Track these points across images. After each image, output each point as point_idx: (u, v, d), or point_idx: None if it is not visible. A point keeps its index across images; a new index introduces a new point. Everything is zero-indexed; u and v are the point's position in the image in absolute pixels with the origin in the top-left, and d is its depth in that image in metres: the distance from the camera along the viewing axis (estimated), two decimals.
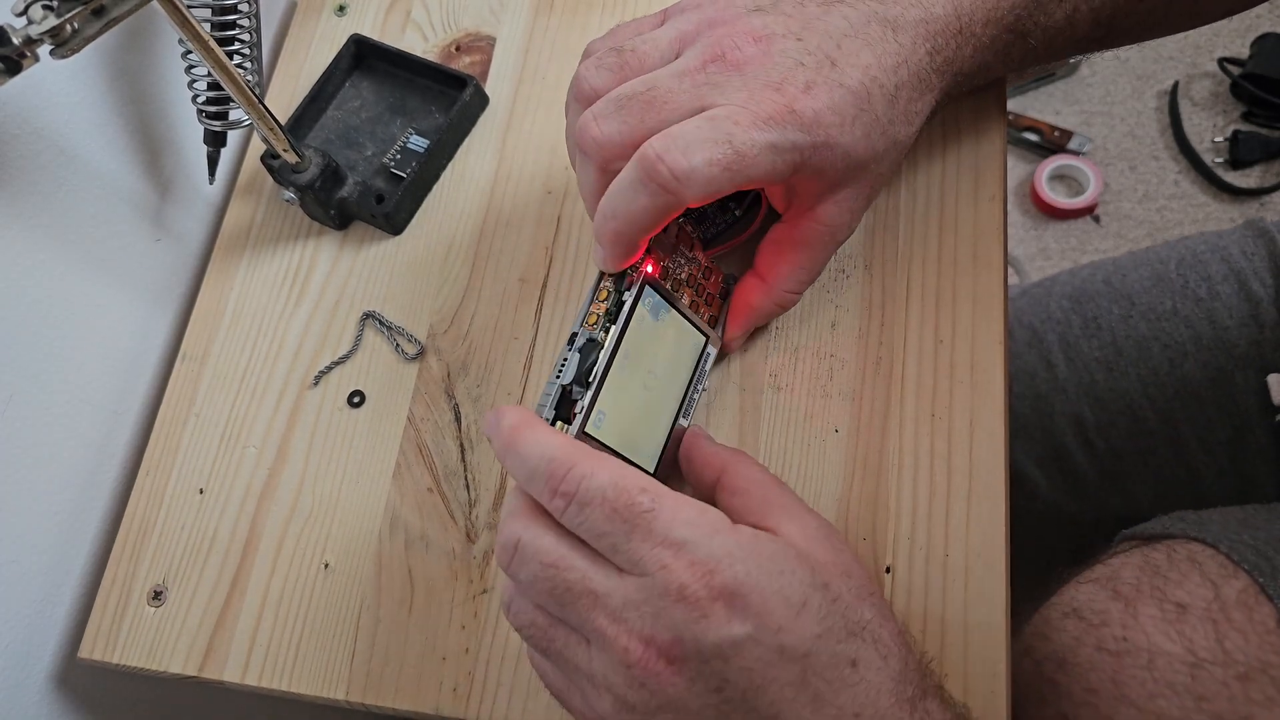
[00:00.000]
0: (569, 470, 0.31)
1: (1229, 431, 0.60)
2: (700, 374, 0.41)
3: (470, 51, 0.55)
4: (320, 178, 0.48)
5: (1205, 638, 0.40)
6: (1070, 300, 0.65)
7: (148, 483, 0.48)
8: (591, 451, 0.32)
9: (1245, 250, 0.61)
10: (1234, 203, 1.20)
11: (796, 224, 0.40)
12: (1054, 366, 0.64)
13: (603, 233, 0.35)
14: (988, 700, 0.38)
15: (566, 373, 0.35)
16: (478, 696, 0.42)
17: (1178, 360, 0.61)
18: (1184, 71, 1.27)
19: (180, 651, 0.44)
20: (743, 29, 0.36)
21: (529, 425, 0.32)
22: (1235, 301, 0.59)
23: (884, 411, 0.43)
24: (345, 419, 0.48)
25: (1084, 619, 0.43)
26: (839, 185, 0.38)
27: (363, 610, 0.44)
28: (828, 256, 0.41)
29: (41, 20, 0.36)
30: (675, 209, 0.34)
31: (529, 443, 0.32)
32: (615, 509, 0.30)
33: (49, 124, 0.44)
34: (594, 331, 0.36)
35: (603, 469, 0.31)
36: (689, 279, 0.40)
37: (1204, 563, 0.43)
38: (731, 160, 0.33)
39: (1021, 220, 1.23)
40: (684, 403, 0.40)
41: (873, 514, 0.42)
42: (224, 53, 0.41)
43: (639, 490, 0.30)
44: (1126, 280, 0.64)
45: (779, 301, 0.41)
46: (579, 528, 0.31)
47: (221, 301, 0.51)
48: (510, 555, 0.32)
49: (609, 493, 0.30)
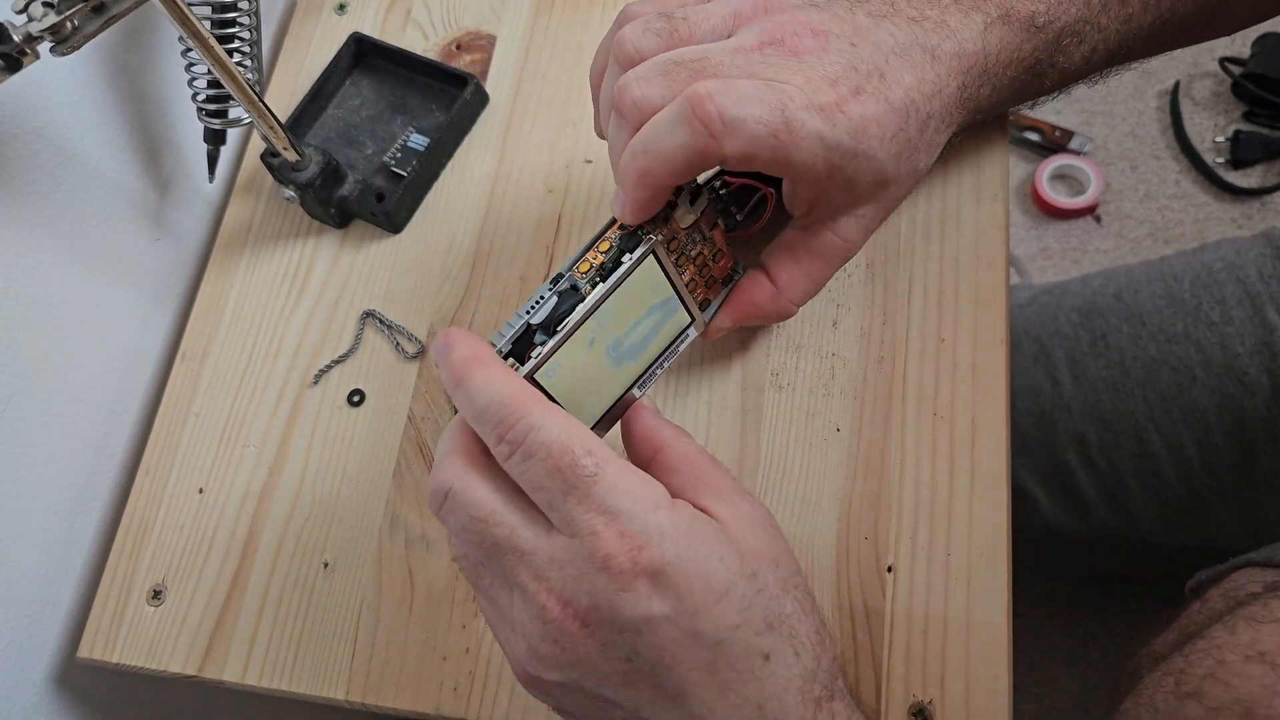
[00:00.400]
0: (519, 419, 0.30)
1: (1235, 457, 0.59)
2: (671, 352, 0.39)
3: (471, 50, 0.55)
4: (320, 176, 0.48)
5: None
6: (1080, 314, 0.64)
7: (147, 482, 0.48)
8: (543, 401, 0.31)
9: (1263, 272, 0.59)
10: (1235, 202, 1.20)
11: (814, 233, 0.39)
12: (1060, 384, 0.64)
13: (629, 169, 0.33)
14: (989, 700, 0.38)
15: (538, 313, 0.34)
16: (478, 696, 0.42)
17: (1186, 385, 0.60)
18: (1185, 71, 1.27)
19: (180, 651, 0.44)
20: (801, 19, 0.35)
21: (481, 362, 0.31)
22: (1249, 328, 0.58)
23: (886, 410, 0.43)
24: (345, 418, 0.48)
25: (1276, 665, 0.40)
26: (863, 200, 0.37)
27: (363, 610, 0.44)
28: (833, 272, 0.40)
29: (42, 17, 0.36)
30: (711, 158, 0.33)
31: (480, 381, 0.31)
32: (557, 466, 0.30)
33: (48, 122, 0.44)
34: (581, 280, 0.34)
35: (552, 421, 0.30)
36: (697, 257, 0.39)
37: None
38: (780, 128, 0.32)
39: (1022, 220, 1.23)
40: (643, 375, 0.38)
41: (874, 513, 0.42)
42: (224, 50, 0.41)
43: (584, 452, 0.30)
44: (1139, 297, 0.63)
45: (782, 309, 0.41)
46: (519, 477, 0.30)
47: (221, 300, 0.51)
48: (440, 502, 0.32)
49: (554, 449, 0.30)
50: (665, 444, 0.35)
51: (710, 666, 0.30)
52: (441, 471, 0.32)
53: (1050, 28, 0.38)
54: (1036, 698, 0.96)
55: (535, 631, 0.31)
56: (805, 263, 0.39)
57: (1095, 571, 0.92)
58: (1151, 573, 0.81)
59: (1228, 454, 0.59)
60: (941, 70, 0.36)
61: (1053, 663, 0.97)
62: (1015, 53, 0.38)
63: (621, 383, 0.38)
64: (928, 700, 0.39)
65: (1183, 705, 0.40)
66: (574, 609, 0.30)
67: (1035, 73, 0.40)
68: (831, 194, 0.37)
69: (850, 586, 0.41)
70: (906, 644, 0.40)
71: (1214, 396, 0.59)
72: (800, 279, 0.40)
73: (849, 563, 0.41)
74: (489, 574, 0.32)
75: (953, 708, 0.38)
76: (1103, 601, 0.98)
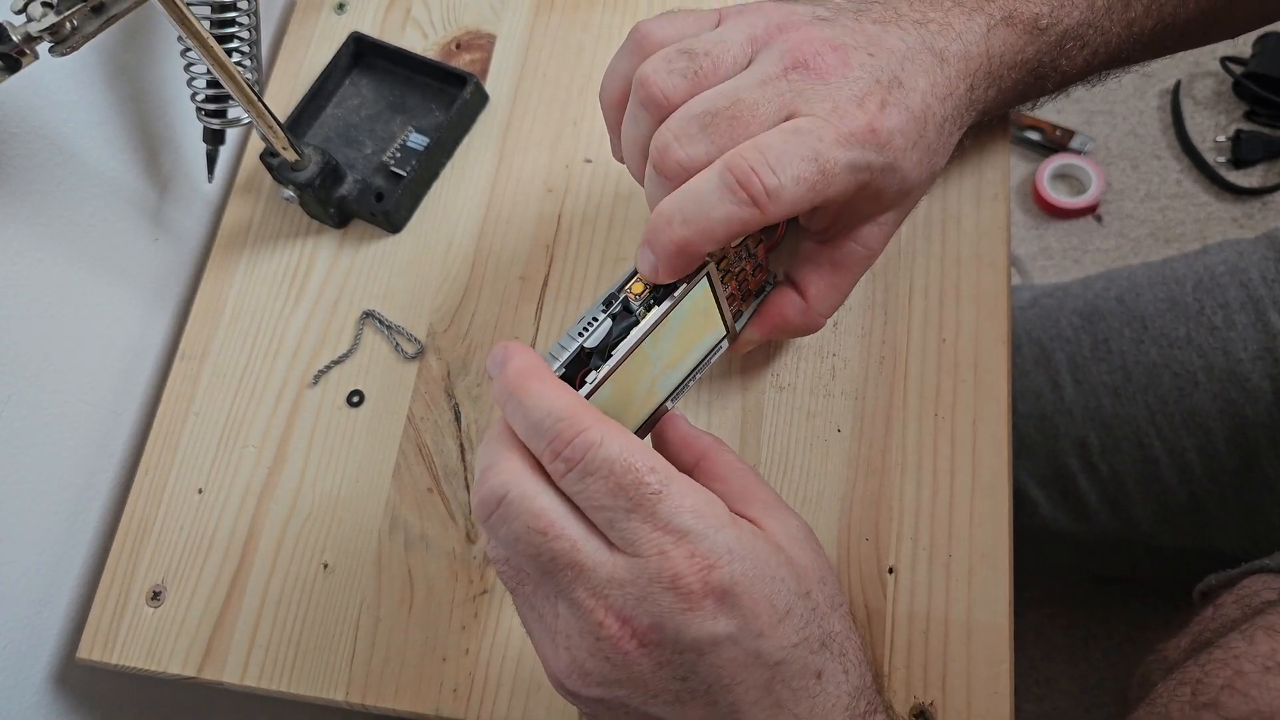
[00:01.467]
0: (578, 434, 0.29)
1: (1236, 463, 0.59)
2: (704, 364, 0.39)
3: (470, 49, 0.55)
4: (319, 176, 0.48)
5: None
6: (1081, 318, 0.64)
7: (146, 482, 0.48)
8: (601, 416, 0.30)
9: (1265, 276, 0.59)
10: (1236, 202, 1.20)
11: (838, 245, 0.39)
12: (1061, 388, 0.63)
13: (669, 239, 0.32)
14: (990, 701, 0.38)
15: (592, 336, 0.33)
16: (478, 697, 0.42)
17: (1187, 390, 0.59)
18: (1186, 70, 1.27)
19: (179, 652, 0.44)
20: (818, 36, 0.35)
21: (538, 376, 0.31)
22: (1251, 333, 0.58)
23: (887, 411, 0.43)
24: (344, 418, 0.48)
25: None
26: (887, 209, 0.37)
27: (362, 611, 0.44)
28: (856, 282, 0.40)
29: (41, 18, 0.36)
30: (756, 225, 0.33)
31: (536, 395, 0.30)
32: (621, 485, 0.29)
33: (48, 122, 0.44)
34: (634, 302, 0.34)
35: (612, 438, 0.29)
36: (739, 272, 0.38)
37: None
38: (817, 180, 0.32)
39: (1023, 219, 1.23)
40: (679, 388, 0.38)
41: (875, 514, 0.42)
42: (223, 50, 0.41)
43: (648, 470, 0.29)
44: (1141, 300, 0.63)
45: (811, 323, 0.40)
46: (577, 495, 0.30)
47: (220, 300, 0.51)
48: (492, 510, 0.30)
49: (616, 466, 0.29)
50: (707, 452, 0.35)
51: (768, 685, 0.30)
52: (496, 476, 0.31)
53: (1053, 30, 0.38)
54: (1037, 698, 0.96)
55: (584, 646, 0.30)
56: (830, 274, 0.39)
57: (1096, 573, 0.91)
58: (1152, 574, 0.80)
59: (1229, 459, 0.59)
60: (950, 73, 0.36)
61: (1053, 663, 0.97)
62: (1018, 55, 0.38)
63: (661, 392, 0.37)
64: (929, 701, 0.39)
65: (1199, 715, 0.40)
66: (633, 628, 0.29)
67: (1038, 74, 0.40)
68: (859, 206, 0.37)
69: (851, 587, 0.41)
70: (908, 645, 0.39)
71: (1216, 401, 0.58)
72: (828, 291, 0.40)
73: (850, 564, 0.41)
74: (533, 582, 0.32)
75: (954, 709, 0.38)
76: (1103, 602, 0.98)
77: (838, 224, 0.38)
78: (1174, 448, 0.60)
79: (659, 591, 0.29)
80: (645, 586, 0.29)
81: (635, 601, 0.29)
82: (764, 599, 0.30)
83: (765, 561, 0.30)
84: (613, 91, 0.38)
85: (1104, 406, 0.62)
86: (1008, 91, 0.39)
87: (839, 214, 0.38)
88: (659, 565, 0.29)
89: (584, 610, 0.30)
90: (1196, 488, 0.60)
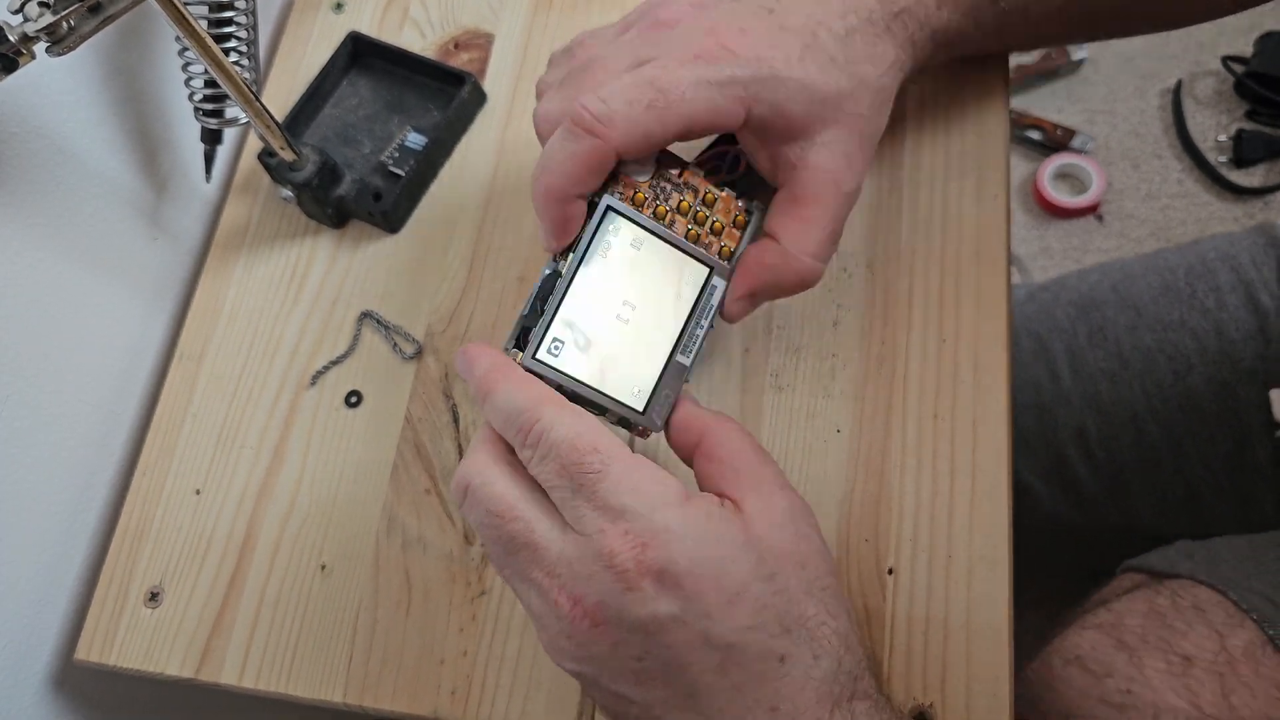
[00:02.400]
0: (535, 420, 0.31)
1: (1230, 446, 0.59)
2: (705, 309, 0.38)
3: (468, 48, 0.55)
4: (317, 176, 0.48)
5: (1212, 693, 0.39)
6: (1077, 308, 0.65)
7: (144, 483, 0.48)
8: (558, 401, 0.32)
9: (1255, 260, 0.60)
10: (1238, 202, 1.20)
11: (793, 179, 0.37)
12: (1059, 377, 0.64)
13: (535, 194, 0.35)
14: (991, 702, 0.38)
15: (524, 305, 0.35)
16: (476, 699, 0.41)
17: (1182, 372, 0.60)
18: (1187, 70, 1.27)
19: (177, 653, 0.44)
20: (684, 2, 0.37)
21: (501, 372, 0.33)
22: (1243, 314, 0.59)
23: (886, 412, 0.43)
24: (342, 419, 0.47)
25: (1089, 670, 0.42)
26: (813, 126, 0.36)
27: (360, 612, 0.44)
28: (839, 211, 0.38)
29: (38, 17, 0.35)
30: (604, 156, 0.34)
31: (502, 391, 0.32)
32: (564, 465, 0.30)
33: (45, 122, 0.44)
34: (558, 264, 0.35)
35: (562, 422, 0.31)
36: (680, 207, 0.37)
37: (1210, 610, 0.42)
38: (654, 98, 0.33)
39: (1024, 219, 1.23)
40: (682, 338, 0.37)
41: (875, 515, 0.41)
42: (220, 50, 0.41)
43: (590, 450, 0.30)
44: (1134, 288, 0.63)
45: (798, 266, 0.37)
46: (540, 478, 0.31)
47: (218, 300, 0.51)
48: (460, 498, 0.33)
49: (562, 448, 0.30)
50: (707, 431, 0.35)
51: (721, 668, 0.30)
52: (462, 468, 0.33)
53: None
54: None
55: (554, 626, 0.31)
56: (796, 210, 0.37)
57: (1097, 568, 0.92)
58: None
59: (1223, 442, 0.59)
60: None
61: None
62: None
63: (659, 346, 0.36)
64: (928, 703, 0.38)
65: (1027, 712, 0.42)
66: (584, 606, 0.30)
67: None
68: (770, 130, 0.36)
69: (851, 589, 0.41)
70: (907, 646, 0.39)
71: (1210, 384, 0.59)
72: (799, 226, 0.37)
73: (849, 565, 0.41)
74: (508, 569, 0.33)
75: (953, 710, 0.38)
76: None
77: (776, 158, 0.37)
78: (1170, 432, 0.61)
79: (599, 570, 0.29)
80: (589, 564, 0.30)
81: (583, 580, 0.30)
82: (709, 579, 0.30)
83: (714, 542, 0.30)
84: None
85: (1101, 393, 0.62)
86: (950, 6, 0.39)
87: (764, 146, 0.37)
88: (598, 544, 0.29)
89: (542, 590, 0.31)
90: (1191, 474, 0.61)
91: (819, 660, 0.31)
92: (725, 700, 0.30)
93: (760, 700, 0.30)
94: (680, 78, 0.33)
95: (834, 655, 0.32)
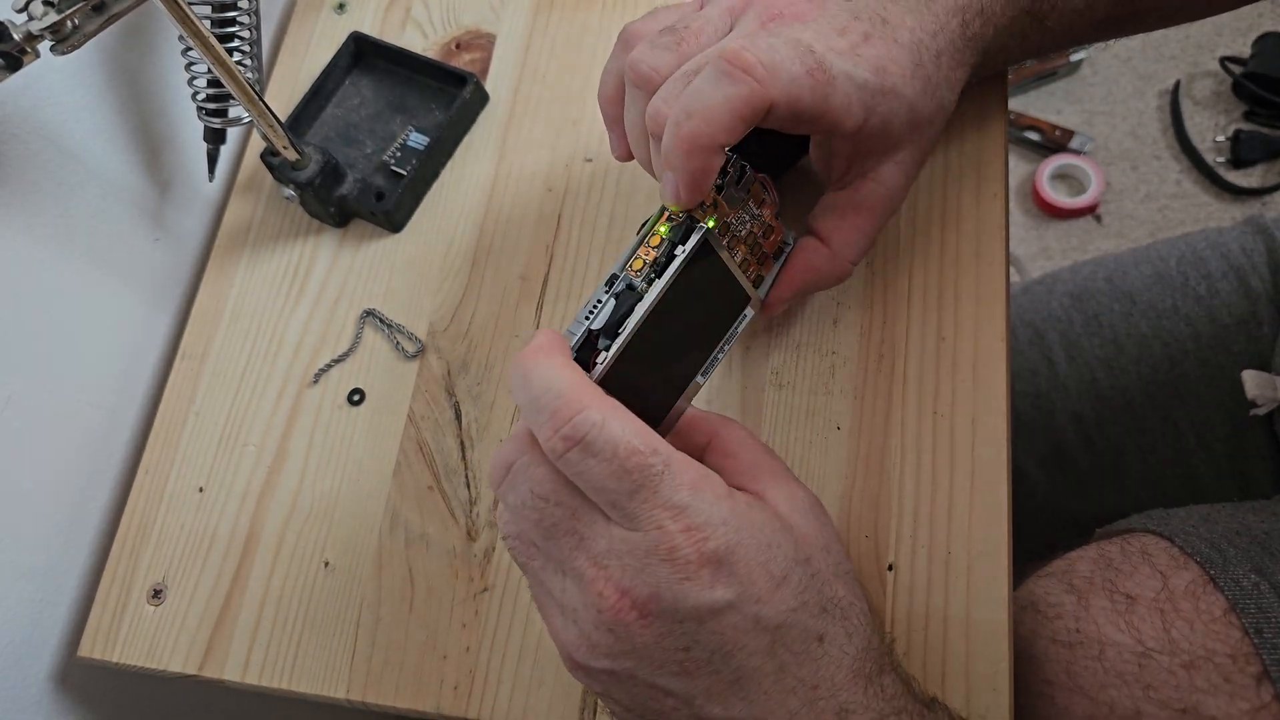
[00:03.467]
0: (578, 412, 0.29)
1: (1226, 429, 0.60)
2: (732, 335, 0.38)
3: (470, 49, 0.55)
4: (320, 175, 0.48)
5: (1153, 627, 0.40)
6: (1071, 298, 0.66)
7: (147, 481, 0.48)
8: (605, 396, 0.30)
9: (1245, 247, 0.61)
10: (1236, 202, 1.20)
11: (857, 188, 0.39)
12: (1055, 364, 0.65)
13: (677, 140, 0.32)
14: (991, 698, 0.38)
15: (598, 318, 0.33)
16: (479, 695, 0.42)
17: (1178, 358, 0.61)
18: (1185, 70, 1.27)
19: (180, 650, 0.44)
20: None
21: (548, 352, 0.30)
22: (1235, 299, 0.60)
23: (886, 409, 0.43)
24: (345, 417, 0.48)
25: (1040, 612, 0.43)
26: (901, 144, 0.37)
27: (363, 609, 0.44)
28: (883, 224, 0.40)
29: (42, 16, 0.36)
30: (759, 107, 0.32)
31: (541, 369, 0.30)
32: (625, 467, 0.29)
33: (48, 122, 0.44)
34: (636, 279, 0.33)
35: (615, 419, 0.29)
36: (748, 236, 0.37)
37: (1155, 555, 0.43)
38: (815, 68, 0.32)
39: (1023, 220, 1.23)
40: (709, 362, 0.37)
41: (875, 512, 0.42)
42: (224, 49, 0.41)
43: (651, 451, 0.29)
44: (1128, 278, 0.64)
45: (840, 270, 0.40)
46: (577, 474, 0.30)
47: (221, 300, 0.51)
48: (501, 476, 0.32)
49: (620, 448, 0.29)
50: (719, 430, 0.36)
51: (769, 650, 0.30)
52: (509, 444, 0.32)
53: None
54: None
55: (589, 619, 0.30)
56: (854, 218, 0.39)
57: None
58: None
59: (1220, 426, 0.60)
60: (938, 10, 0.37)
61: None
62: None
63: (688, 368, 0.37)
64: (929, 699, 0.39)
65: None
66: (631, 598, 0.30)
67: (1035, 15, 0.40)
68: (869, 141, 0.37)
69: None
70: (907, 642, 0.40)
71: (1205, 368, 0.60)
72: (853, 235, 0.40)
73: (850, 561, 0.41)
74: (542, 557, 0.32)
75: (954, 705, 0.38)
76: None
77: (854, 166, 0.39)
78: (1167, 416, 0.61)
79: (656, 563, 0.29)
80: (642, 558, 0.29)
81: (633, 573, 0.29)
82: (759, 565, 0.30)
83: (761, 529, 0.31)
84: (608, 88, 0.39)
85: (1098, 380, 0.63)
86: (1004, 32, 0.39)
87: (853, 152, 0.38)
88: (656, 539, 0.29)
89: (585, 580, 0.30)
90: (1189, 457, 0.61)
91: (851, 639, 0.32)
92: (771, 683, 0.30)
93: (803, 680, 0.31)
94: (834, 64, 0.33)
95: (864, 634, 0.32)
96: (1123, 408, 0.62)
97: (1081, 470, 0.65)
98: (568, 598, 0.31)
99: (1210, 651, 0.39)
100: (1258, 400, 0.55)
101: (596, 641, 0.31)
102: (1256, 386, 0.55)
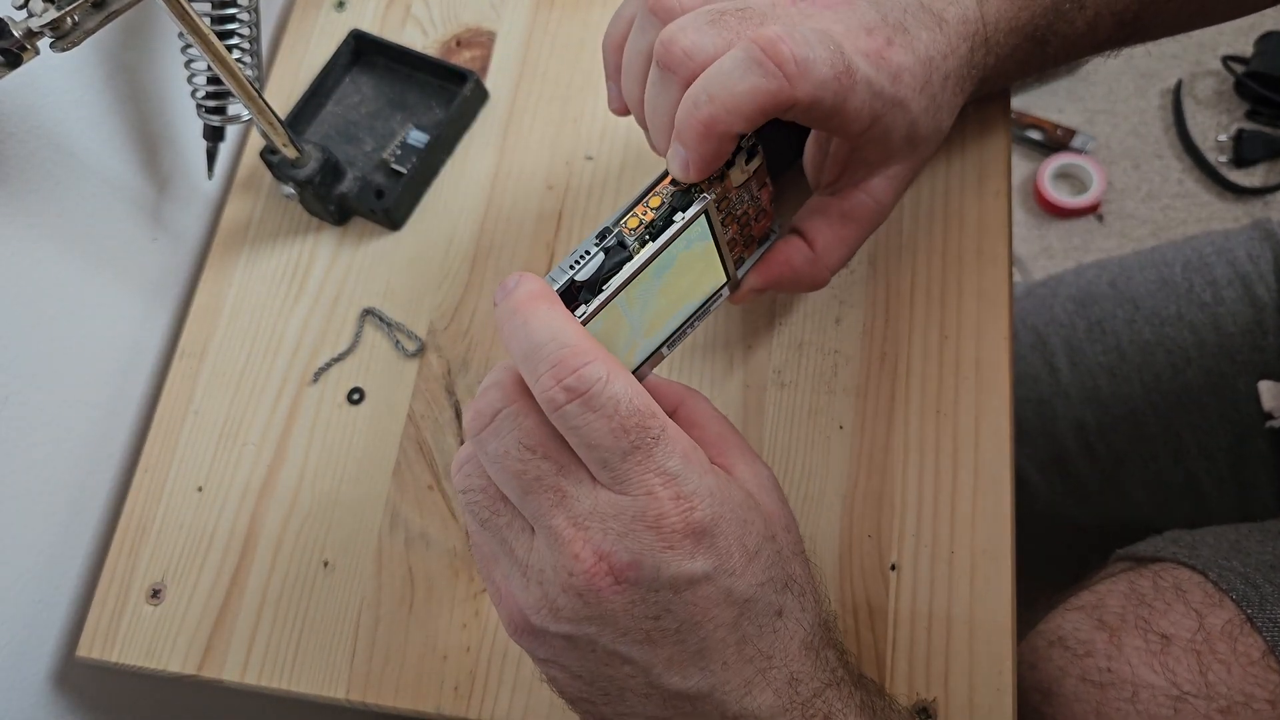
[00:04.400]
0: (585, 364, 0.28)
1: (1229, 439, 0.59)
2: (704, 312, 0.38)
3: (470, 46, 0.55)
4: (319, 173, 0.48)
5: (1189, 670, 0.40)
6: (1075, 303, 0.65)
7: (146, 480, 0.48)
8: (607, 353, 0.29)
9: (1251, 254, 0.60)
10: (1238, 201, 1.20)
11: (846, 196, 0.38)
12: (1057, 371, 0.64)
13: (693, 121, 0.31)
14: (994, 698, 0.38)
15: (584, 270, 0.32)
16: (479, 695, 0.41)
17: (1181, 366, 0.60)
18: (1188, 70, 1.27)
19: (179, 650, 0.44)
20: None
21: (549, 301, 0.29)
22: (1240, 307, 0.59)
23: (889, 408, 0.43)
24: (345, 416, 0.47)
25: (1069, 649, 0.43)
26: (895, 158, 0.37)
27: (363, 609, 0.44)
28: (865, 238, 0.40)
29: (42, 13, 0.35)
30: (782, 104, 0.31)
31: (544, 316, 0.29)
32: (624, 426, 0.28)
33: (47, 120, 0.44)
34: (629, 237, 0.32)
35: (618, 376, 0.28)
36: (742, 215, 0.37)
37: (1189, 591, 0.42)
38: (843, 71, 0.32)
39: (1025, 219, 1.23)
40: (675, 334, 0.37)
41: (878, 511, 0.41)
42: (223, 47, 0.41)
43: (651, 414, 0.29)
44: (1132, 283, 0.64)
45: (818, 276, 0.39)
46: (572, 429, 0.29)
47: (220, 298, 0.51)
48: (484, 423, 0.30)
49: (622, 406, 0.28)
50: (684, 399, 0.35)
51: (734, 623, 0.30)
52: (497, 389, 0.30)
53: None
54: None
55: (557, 581, 0.29)
56: (840, 227, 0.39)
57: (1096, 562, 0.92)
58: None
59: (1221, 436, 0.60)
60: (950, 34, 0.37)
61: None
62: (1013, 20, 0.38)
63: (656, 338, 0.36)
64: (931, 698, 0.38)
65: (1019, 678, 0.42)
66: (610, 563, 0.29)
67: (1037, 40, 0.40)
68: (867, 149, 0.37)
69: (853, 584, 0.41)
70: (910, 642, 0.39)
71: (1208, 376, 0.59)
72: (836, 243, 0.39)
73: (852, 561, 0.41)
74: (509, 513, 0.31)
75: (956, 706, 0.38)
76: None
77: (847, 173, 0.38)
78: (1169, 425, 0.61)
79: (641, 530, 0.29)
80: (628, 524, 0.29)
81: (615, 538, 0.29)
82: (737, 540, 0.30)
83: (739, 505, 0.31)
84: (616, 35, 0.37)
85: (1100, 387, 0.63)
86: (1006, 59, 0.39)
87: (848, 161, 0.38)
88: (644, 505, 0.29)
89: (561, 540, 0.29)
90: (1191, 465, 0.61)
91: (805, 614, 0.32)
92: (733, 654, 0.31)
93: (760, 651, 0.31)
94: (858, 66, 0.32)
95: (814, 610, 0.33)
96: (1125, 415, 0.62)
97: (1082, 477, 0.65)
98: (534, 557, 0.30)
99: (1249, 696, 0.38)
100: (1275, 412, 0.55)
101: (560, 605, 0.30)
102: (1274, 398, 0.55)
